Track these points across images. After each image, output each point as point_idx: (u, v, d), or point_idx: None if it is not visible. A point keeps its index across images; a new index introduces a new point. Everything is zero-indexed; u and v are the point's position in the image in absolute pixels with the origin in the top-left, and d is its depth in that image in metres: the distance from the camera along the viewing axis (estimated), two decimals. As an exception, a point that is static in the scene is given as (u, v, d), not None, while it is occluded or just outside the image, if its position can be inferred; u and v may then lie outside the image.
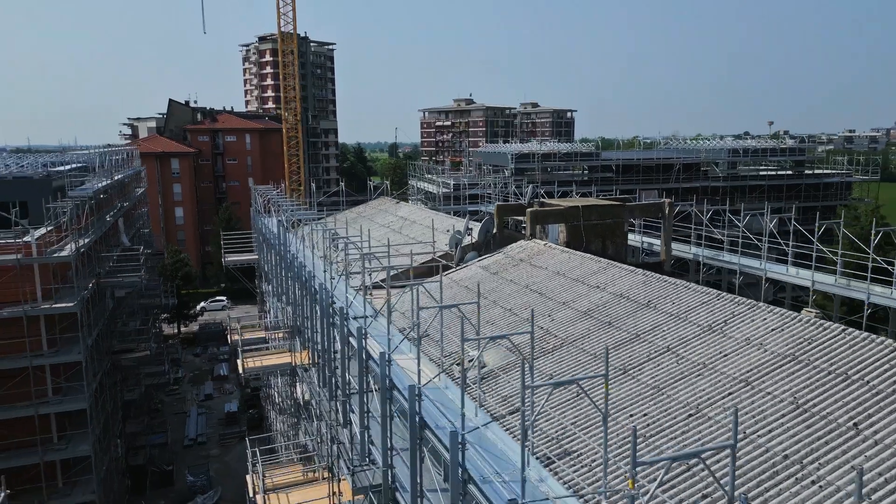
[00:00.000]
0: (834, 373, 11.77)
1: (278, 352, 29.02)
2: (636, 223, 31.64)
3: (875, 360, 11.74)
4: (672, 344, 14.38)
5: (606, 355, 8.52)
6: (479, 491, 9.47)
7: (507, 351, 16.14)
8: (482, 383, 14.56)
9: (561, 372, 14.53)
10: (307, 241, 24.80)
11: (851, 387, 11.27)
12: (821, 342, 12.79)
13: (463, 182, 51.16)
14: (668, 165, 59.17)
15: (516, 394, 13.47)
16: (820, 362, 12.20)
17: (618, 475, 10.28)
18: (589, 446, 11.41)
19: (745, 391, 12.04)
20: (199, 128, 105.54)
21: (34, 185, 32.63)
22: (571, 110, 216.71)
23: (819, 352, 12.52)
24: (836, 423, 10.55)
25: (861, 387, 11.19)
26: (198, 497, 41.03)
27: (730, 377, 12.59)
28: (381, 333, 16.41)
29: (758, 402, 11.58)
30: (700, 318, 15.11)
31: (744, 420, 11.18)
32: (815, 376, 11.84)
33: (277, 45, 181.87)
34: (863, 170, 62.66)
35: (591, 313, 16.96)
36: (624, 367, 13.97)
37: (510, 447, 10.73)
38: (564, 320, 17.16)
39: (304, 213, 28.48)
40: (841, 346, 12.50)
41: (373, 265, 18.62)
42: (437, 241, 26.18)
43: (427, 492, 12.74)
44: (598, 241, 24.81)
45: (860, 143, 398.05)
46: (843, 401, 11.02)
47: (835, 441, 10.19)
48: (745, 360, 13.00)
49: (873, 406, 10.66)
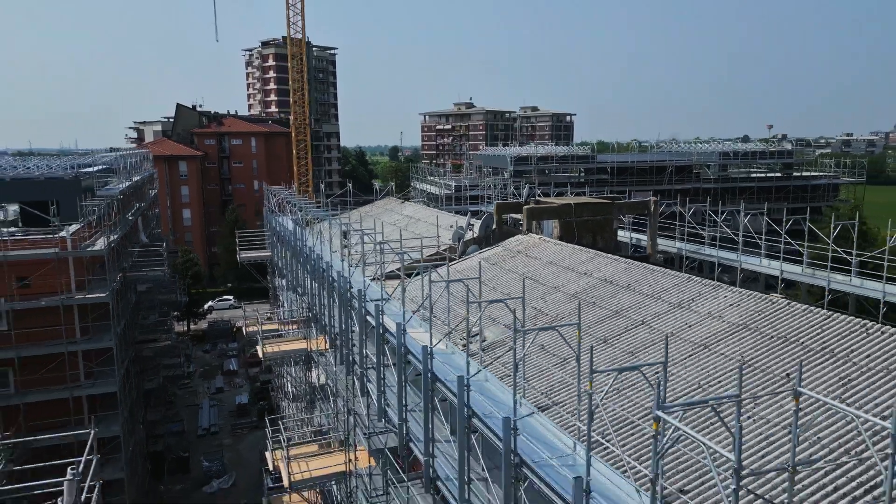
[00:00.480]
0: (776, 337, 14.14)
1: (294, 339, 31.37)
2: (626, 220, 34.01)
3: (810, 326, 14.11)
4: (646, 318, 16.75)
5: (579, 308, 10.89)
6: (480, 423, 11.84)
7: (504, 327, 18.49)
8: (483, 352, 16.92)
9: (550, 342, 16.89)
10: (325, 235, 27.17)
11: (788, 347, 13.64)
12: (768, 314, 15.16)
13: (464, 184, 53.57)
14: (661, 168, 61.58)
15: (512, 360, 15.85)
16: (766, 329, 14.57)
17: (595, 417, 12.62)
18: (572, 397, 13.76)
19: (704, 353, 14.40)
20: (206, 131, 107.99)
21: (65, 186, 34.98)
22: (570, 114, 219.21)
23: (766, 321, 14.89)
24: (772, 374, 12.91)
25: (796, 347, 13.56)
26: (213, 481, 43.37)
27: (692, 343, 14.96)
28: (394, 313, 18.76)
29: (712, 361, 13.95)
30: (671, 297, 17.49)
31: (700, 374, 13.55)
32: (760, 340, 14.20)
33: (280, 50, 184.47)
34: (849, 172, 65.04)
35: (579, 295, 19.32)
36: (605, 338, 16.33)
37: (505, 392, 13.08)
38: (555, 302, 19.53)
39: (319, 210, 30.87)
40: (784, 316, 14.87)
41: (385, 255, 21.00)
42: (441, 237, 28.55)
43: (437, 441, 15.14)
44: (588, 235, 27.17)
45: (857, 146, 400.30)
46: (781, 358, 13.38)
47: (770, 388, 12.55)
48: (705, 329, 15.37)
49: (805, 361, 13.02)
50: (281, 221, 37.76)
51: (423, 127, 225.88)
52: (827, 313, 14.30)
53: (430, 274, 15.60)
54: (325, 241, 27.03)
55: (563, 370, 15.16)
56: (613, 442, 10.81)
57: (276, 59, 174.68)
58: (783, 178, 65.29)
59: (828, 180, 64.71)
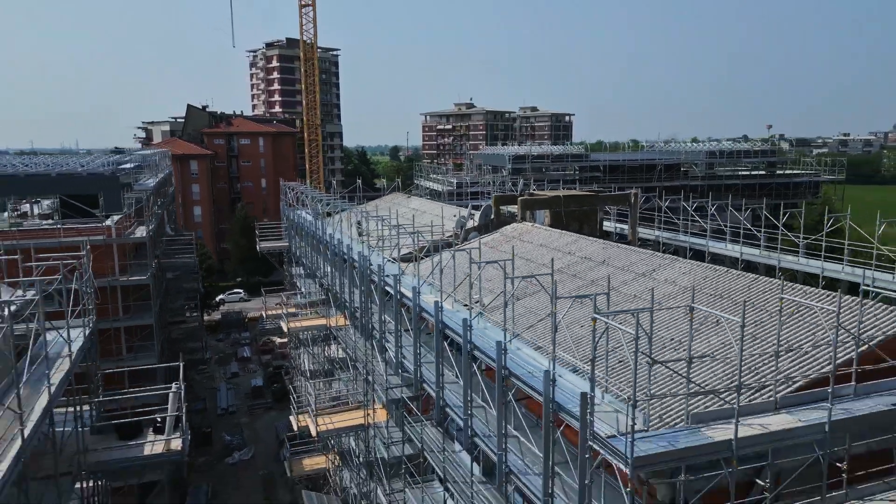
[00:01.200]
0: (715, 294, 17.91)
1: (314, 317, 35.17)
2: (612, 212, 37.76)
3: (741, 287, 17.89)
4: (616, 285, 20.48)
5: (552, 264, 14.67)
6: (480, 352, 15.62)
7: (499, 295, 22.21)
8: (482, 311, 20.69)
9: (537, 306, 20.64)
10: (345, 223, 30.95)
11: (722, 301, 17.42)
12: (712, 278, 18.94)
13: (465, 181, 57.35)
14: (651, 166, 65.38)
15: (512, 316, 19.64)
16: (708, 290, 18.34)
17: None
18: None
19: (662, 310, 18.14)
20: (216, 131, 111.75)
21: (106, 181, 38.73)
22: (569, 114, 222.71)
23: (709, 284, 18.67)
24: (708, 321, 16.67)
25: (727, 301, 17.34)
26: (234, 453, 47.17)
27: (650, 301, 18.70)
28: (409, 284, 22.52)
29: (665, 314, 17.71)
30: (637, 268, 21.26)
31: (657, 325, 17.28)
32: (703, 298, 17.96)
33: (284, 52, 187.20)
34: (829, 171, 68.81)
35: (562, 270, 23.09)
36: (581, 302, 20.09)
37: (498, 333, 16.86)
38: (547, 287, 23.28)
39: (337, 202, 34.66)
40: (724, 280, 18.65)
41: (400, 237, 24.80)
42: (445, 225, 32.30)
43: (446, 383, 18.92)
44: (575, 224, 30.92)
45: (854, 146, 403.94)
46: (714, 306, 17.14)
47: (706, 329, 16.30)
48: (662, 291, 19.13)
49: (732, 310, 16.78)
50: (299, 214, 41.52)
51: (424, 127, 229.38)
52: (753, 277, 18.07)
53: (442, 252, 19.37)
54: (345, 228, 30.81)
55: (545, 323, 18.93)
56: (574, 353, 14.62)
57: (280, 60, 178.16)
58: (767, 176, 69.03)
59: (809, 178, 68.45)
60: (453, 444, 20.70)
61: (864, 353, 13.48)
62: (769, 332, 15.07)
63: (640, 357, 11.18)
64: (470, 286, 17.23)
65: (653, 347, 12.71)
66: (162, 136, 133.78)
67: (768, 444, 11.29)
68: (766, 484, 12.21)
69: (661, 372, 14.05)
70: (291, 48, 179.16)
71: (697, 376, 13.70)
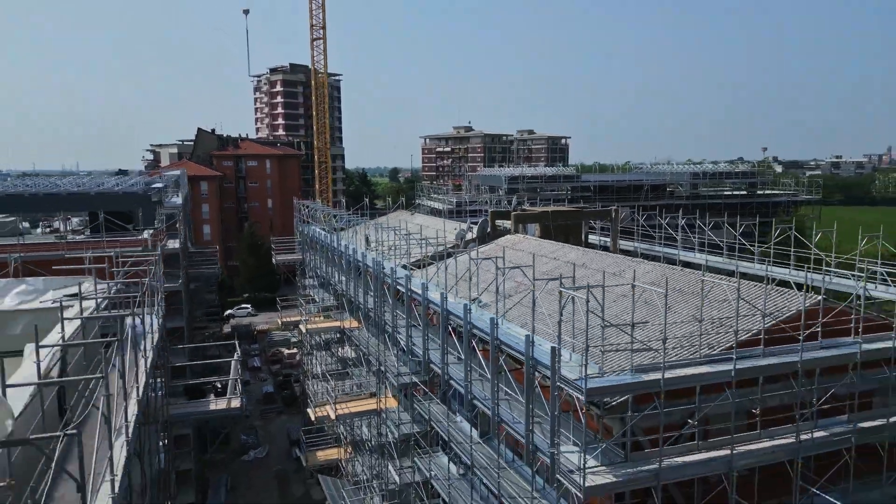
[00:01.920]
0: (669, 288, 21.95)
1: (329, 320, 39.13)
2: (597, 226, 41.91)
3: (690, 282, 21.96)
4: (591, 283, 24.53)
5: (533, 260, 18.76)
6: (479, 331, 19.64)
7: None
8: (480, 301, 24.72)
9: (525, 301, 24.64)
10: (359, 235, 35.08)
11: (674, 294, 21.47)
12: (669, 276, 23.02)
13: (464, 199, 61.60)
14: (639, 186, 69.76)
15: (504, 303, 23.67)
16: (662, 282, 22.38)
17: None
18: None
19: (625, 299, 22.20)
20: (224, 154, 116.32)
21: (140, 199, 42.89)
22: (566, 137, 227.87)
23: (664, 278, 22.70)
24: (661, 307, 20.68)
25: (678, 292, 21.40)
26: (250, 451, 50.81)
27: (618, 294, 22.77)
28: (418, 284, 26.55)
29: (627, 304, 21.76)
30: (610, 269, 25.33)
31: (619, 310, 21.32)
32: (659, 289, 22.01)
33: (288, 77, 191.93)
34: (807, 191, 73.24)
35: (546, 273, 27.17)
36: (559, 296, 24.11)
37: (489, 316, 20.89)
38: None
39: (350, 218, 38.82)
40: (678, 276, 22.73)
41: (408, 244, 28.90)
42: (447, 237, 36.40)
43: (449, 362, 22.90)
44: (562, 236, 35.04)
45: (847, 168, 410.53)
46: (669, 298, 21.17)
47: (656, 315, 20.32)
48: (628, 287, 23.18)
49: (680, 300, 20.84)
50: (313, 229, 45.66)
51: (424, 149, 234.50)
52: (697, 273, 22.15)
53: (445, 259, 23.48)
54: (356, 241, 34.94)
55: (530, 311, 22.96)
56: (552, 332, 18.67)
57: (283, 85, 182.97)
58: (748, 196, 73.42)
59: (787, 198, 72.85)
60: (455, 416, 24.62)
61: (772, 325, 17.57)
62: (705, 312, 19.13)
63: (596, 321, 15.27)
64: (469, 282, 21.32)
65: (611, 321, 16.78)
66: (170, 158, 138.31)
67: (689, 383, 15.33)
68: (695, 422, 16.25)
69: (615, 337, 18.10)
70: (294, 73, 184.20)
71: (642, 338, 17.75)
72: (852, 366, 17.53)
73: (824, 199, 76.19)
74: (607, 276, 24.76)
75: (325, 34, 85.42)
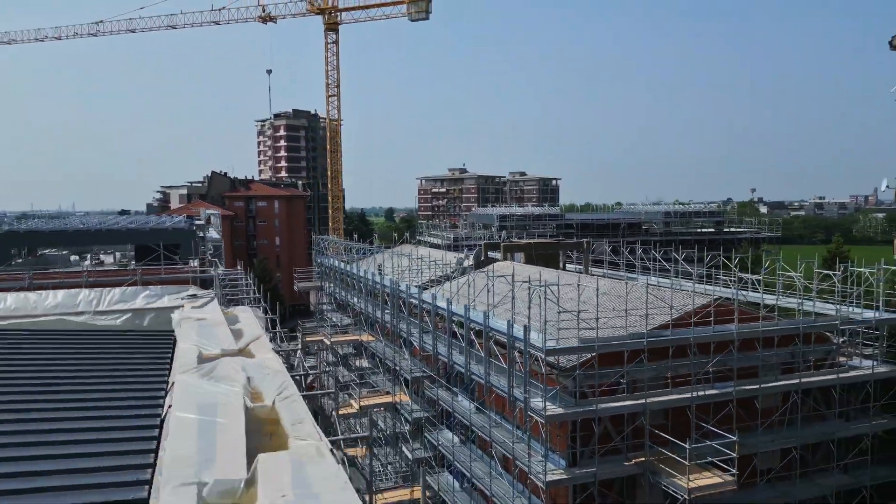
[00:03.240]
0: (621, 297, 29.66)
1: (349, 335, 46.57)
2: (573, 256, 49.77)
3: (636, 293, 29.67)
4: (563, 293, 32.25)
5: (513, 272, 26.52)
6: (475, 323, 27.27)
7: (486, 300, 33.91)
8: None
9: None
10: (374, 264, 42.80)
11: (615, 301, 29.13)
12: (619, 287, 30.75)
13: (461, 235, 69.54)
14: (616, 224, 78.00)
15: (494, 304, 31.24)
16: (616, 293, 30.11)
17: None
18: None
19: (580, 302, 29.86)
20: (236, 195, 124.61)
21: (186, 233, 50.57)
22: (556, 178, 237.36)
23: (617, 291, 30.46)
24: (612, 310, 28.34)
25: (624, 300, 29.07)
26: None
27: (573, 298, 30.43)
28: (428, 297, 34.12)
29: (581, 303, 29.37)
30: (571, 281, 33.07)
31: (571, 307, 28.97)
32: (611, 298, 29.70)
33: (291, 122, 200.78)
34: (768, 229, 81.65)
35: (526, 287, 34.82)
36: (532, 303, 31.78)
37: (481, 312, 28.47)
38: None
39: (368, 248, 46.60)
40: (619, 285, 30.45)
41: (421, 269, 36.62)
42: (450, 264, 44.14)
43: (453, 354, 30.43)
44: (542, 262, 42.87)
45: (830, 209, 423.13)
46: (610, 301, 28.85)
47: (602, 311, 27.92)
48: (587, 295, 30.87)
49: (618, 302, 28.48)
50: (332, 259, 53.40)
51: (420, 190, 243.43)
52: (633, 282, 29.87)
53: (449, 280, 31.26)
54: (376, 267, 42.73)
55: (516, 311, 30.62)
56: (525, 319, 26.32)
57: (286, 129, 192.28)
58: (715, 233, 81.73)
59: (751, 235, 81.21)
60: (457, 396, 32.01)
61: (678, 316, 25.27)
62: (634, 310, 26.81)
63: (556, 310, 22.96)
64: (468, 296, 29.02)
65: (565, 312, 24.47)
66: (179, 199, 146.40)
67: (616, 347, 22.98)
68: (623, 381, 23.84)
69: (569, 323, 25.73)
70: (297, 118, 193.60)
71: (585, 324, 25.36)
72: (734, 344, 25.21)
73: (808, 238, 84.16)
74: (567, 287, 32.65)
75: (340, 91, 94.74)
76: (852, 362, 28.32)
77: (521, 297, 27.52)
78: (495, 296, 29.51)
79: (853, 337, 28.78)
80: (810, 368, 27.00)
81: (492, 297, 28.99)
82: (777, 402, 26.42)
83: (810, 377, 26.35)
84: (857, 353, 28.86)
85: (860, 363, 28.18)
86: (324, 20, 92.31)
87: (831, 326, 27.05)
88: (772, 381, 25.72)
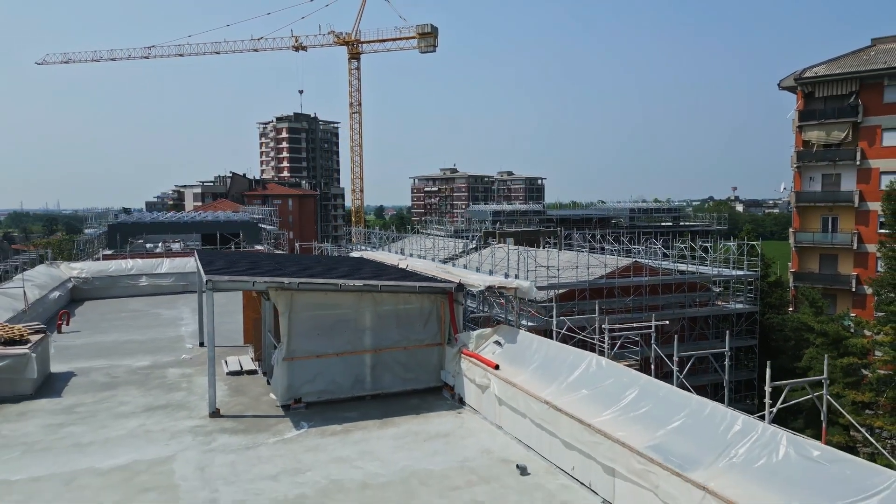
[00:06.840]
0: (562, 260, 44.59)
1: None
2: (551, 242, 64.72)
3: (585, 260, 44.63)
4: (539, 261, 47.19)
5: (507, 249, 41.38)
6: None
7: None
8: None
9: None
10: (396, 249, 57.49)
11: (572, 265, 44.08)
12: (576, 256, 45.68)
13: (460, 228, 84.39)
14: (589, 219, 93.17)
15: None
16: (573, 261, 45.07)
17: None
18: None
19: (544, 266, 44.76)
20: (254, 193, 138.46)
21: (247, 225, 65.09)
22: (542, 178, 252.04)
23: (575, 259, 45.39)
24: (558, 260, 43.26)
25: (576, 263, 44.04)
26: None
27: (549, 266, 45.42)
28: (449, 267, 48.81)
29: (549, 262, 44.34)
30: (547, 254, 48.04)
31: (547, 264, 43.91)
32: (563, 263, 44.59)
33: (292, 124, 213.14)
34: (717, 222, 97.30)
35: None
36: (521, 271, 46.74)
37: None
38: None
39: (396, 235, 61.27)
40: (579, 257, 45.37)
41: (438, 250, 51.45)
42: (457, 247, 58.87)
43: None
44: (525, 244, 57.88)
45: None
46: (567, 261, 43.82)
47: (563, 267, 42.81)
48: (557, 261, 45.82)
49: (580, 266, 43.42)
50: (359, 246, 67.96)
51: (413, 189, 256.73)
52: (591, 255, 44.83)
53: (462, 257, 46.25)
54: (399, 251, 57.51)
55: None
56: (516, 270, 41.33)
57: (288, 131, 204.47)
58: (673, 227, 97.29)
59: (701, 228, 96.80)
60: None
61: (609, 272, 40.27)
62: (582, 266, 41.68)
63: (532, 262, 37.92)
64: (478, 260, 43.96)
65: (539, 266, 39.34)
66: (193, 197, 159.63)
67: (570, 286, 37.92)
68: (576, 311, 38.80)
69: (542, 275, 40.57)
70: (298, 122, 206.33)
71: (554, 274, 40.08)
72: (645, 288, 40.09)
73: (778, 234, 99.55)
74: (542, 257, 47.77)
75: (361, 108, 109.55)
76: (727, 305, 43.46)
77: (512, 263, 42.20)
78: (496, 262, 44.26)
79: (727, 290, 43.93)
80: (696, 307, 42.08)
81: (493, 264, 43.67)
82: (676, 328, 41.39)
83: (694, 312, 41.41)
84: (732, 300, 44.07)
85: (733, 305, 43.34)
86: (348, 50, 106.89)
87: (704, 278, 42.10)
88: (670, 314, 40.73)
